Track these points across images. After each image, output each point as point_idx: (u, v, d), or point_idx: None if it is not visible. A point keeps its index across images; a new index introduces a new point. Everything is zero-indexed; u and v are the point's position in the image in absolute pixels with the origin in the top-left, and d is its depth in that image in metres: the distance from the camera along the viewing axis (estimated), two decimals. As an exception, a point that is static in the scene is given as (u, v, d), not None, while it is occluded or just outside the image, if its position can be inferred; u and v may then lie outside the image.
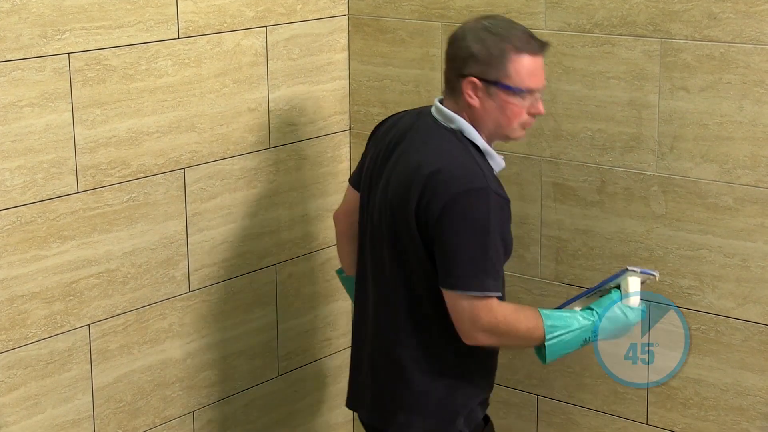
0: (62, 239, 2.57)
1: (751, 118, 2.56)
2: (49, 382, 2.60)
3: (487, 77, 2.32)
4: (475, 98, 2.34)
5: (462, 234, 2.27)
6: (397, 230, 2.36)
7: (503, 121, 2.36)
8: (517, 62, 2.32)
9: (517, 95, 2.33)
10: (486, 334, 2.31)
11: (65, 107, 2.54)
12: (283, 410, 3.17)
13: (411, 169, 2.34)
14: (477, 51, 2.32)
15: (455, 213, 2.27)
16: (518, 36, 2.33)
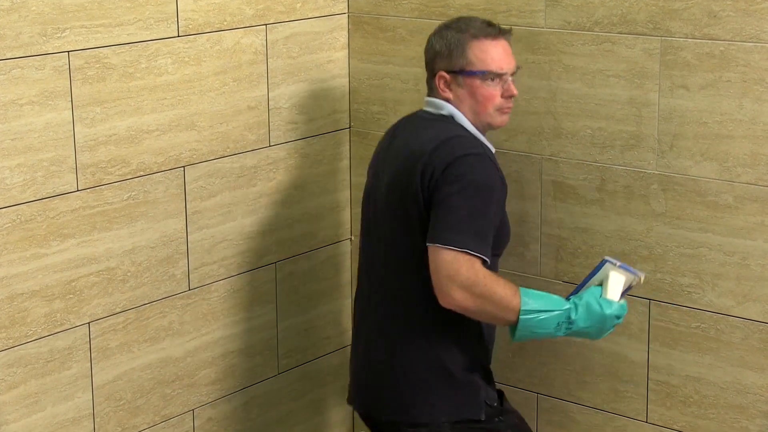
0: (62, 237, 2.57)
1: (751, 116, 2.56)
2: (49, 380, 2.60)
3: (452, 68, 2.51)
4: (447, 91, 2.53)
5: (458, 194, 2.36)
6: (401, 212, 2.44)
7: (478, 107, 2.51)
8: (476, 48, 2.49)
9: (483, 78, 2.48)
10: (463, 292, 2.32)
11: (65, 105, 2.54)
12: (283, 408, 3.17)
13: (411, 151, 2.46)
14: (440, 47, 2.53)
15: (453, 174, 2.37)
16: (475, 25, 2.51)
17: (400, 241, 2.48)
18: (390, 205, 2.49)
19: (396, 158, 2.51)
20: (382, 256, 2.52)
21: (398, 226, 2.47)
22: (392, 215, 2.48)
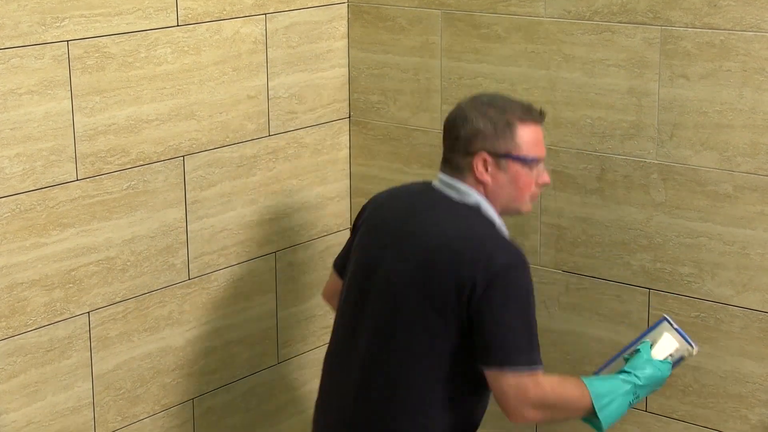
0: (62, 227, 2.57)
1: (751, 106, 2.56)
2: (48, 370, 2.60)
3: (497, 151, 2.31)
4: (486, 174, 2.32)
5: (508, 309, 2.22)
6: (419, 310, 2.27)
7: (516, 194, 2.35)
8: (523, 132, 2.32)
9: (527, 165, 2.33)
10: (535, 410, 2.24)
11: (64, 95, 2.53)
12: (283, 398, 3.18)
13: (436, 246, 2.27)
14: (483, 126, 2.31)
15: (500, 288, 2.22)
16: (519, 107, 2.35)
17: (409, 334, 2.29)
18: (403, 298, 2.29)
19: (416, 248, 2.31)
20: (378, 338, 2.34)
21: (411, 320, 2.28)
22: (405, 308, 2.29)
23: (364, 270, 2.40)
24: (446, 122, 2.38)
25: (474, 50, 2.95)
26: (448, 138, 2.37)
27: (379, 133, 3.17)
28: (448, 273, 2.25)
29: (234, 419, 3.05)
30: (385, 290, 2.33)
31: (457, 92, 2.99)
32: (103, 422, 2.73)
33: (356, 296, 2.40)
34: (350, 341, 2.39)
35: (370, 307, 2.35)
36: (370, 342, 2.34)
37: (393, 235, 2.37)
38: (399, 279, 2.31)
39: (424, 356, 2.29)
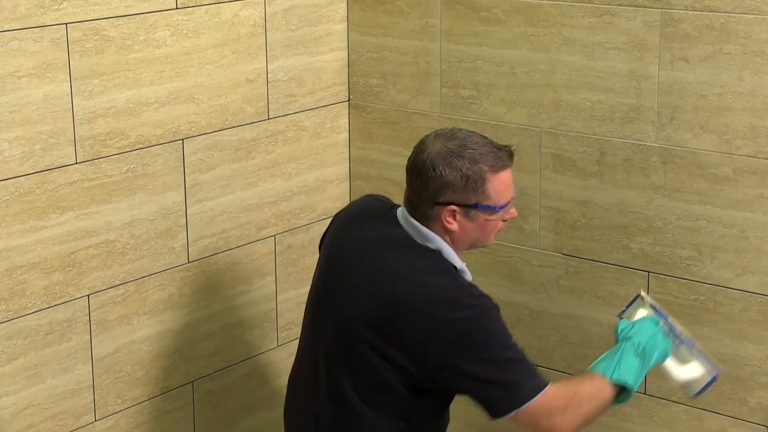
0: (61, 210, 2.57)
1: (751, 89, 2.55)
2: (48, 352, 2.60)
3: (466, 202, 2.24)
4: (454, 223, 2.25)
5: (490, 363, 2.20)
6: (371, 351, 2.24)
7: (483, 237, 2.31)
8: (494, 182, 2.24)
9: (497, 212, 2.27)
10: (564, 415, 2.23)
11: (63, 78, 2.53)
12: (283, 381, 3.18)
13: (395, 293, 2.22)
14: (452, 179, 2.22)
15: (471, 349, 2.18)
16: (489, 154, 2.25)
17: (358, 373, 2.27)
18: (354, 338, 2.25)
19: (371, 291, 2.25)
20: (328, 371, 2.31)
21: (361, 361, 2.25)
22: (355, 347, 2.25)
23: (318, 297, 2.38)
24: (412, 167, 2.29)
25: (474, 33, 2.95)
26: (414, 184, 2.27)
27: (379, 117, 3.17)
28: (404, 329, 2.21)
29: (234, 402, 3.05)
30: (336, 324, 2.30)
31: (457, 75, 2.98)
32: (103, 405, 2.73)
33: (311, 323, 2.40)
34: (307, 365, 2.39)
35: (323, 335, 2.33)
36: (323, 372, 2.32)
37: (353, 270, 2.31)
38: (354, 321, 2.26)
39: (374, 396, 2.27)
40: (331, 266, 2.38)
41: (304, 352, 2.42)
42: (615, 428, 2.89)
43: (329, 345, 2.32)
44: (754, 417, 2.68)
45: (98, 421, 2.73)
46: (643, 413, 2.84)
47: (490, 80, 2.93)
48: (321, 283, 2.39)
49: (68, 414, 2.66)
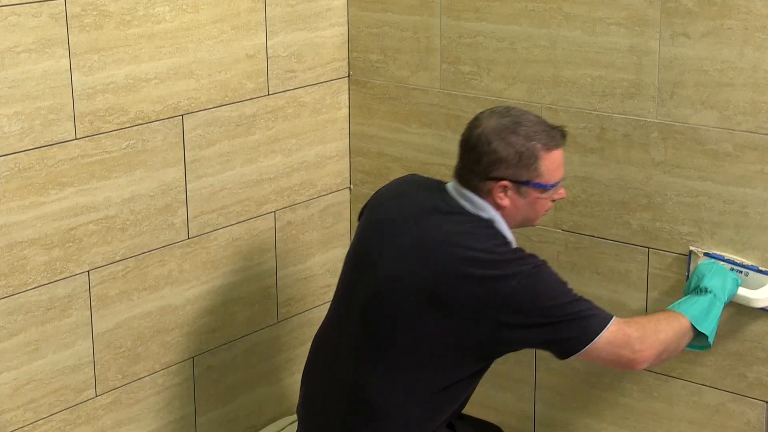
0: (61, 186, 2.57)
1: (752, 64, 2.55)
2: (49, 328, 2.61)
3: (518, 179, 2.29)
4: (505, 199, 2.31)
5: (551, 309, 2.22)
6: (420, 310, 2.25)
7: (532, 215, 2.36)
8: (547, 160, 2.31)
9: (548, 191, 2.33)
10: (642, 344, 2.26)
11: (62, 53, 2.52)
12: (283, 356, 3.19)
13: (451, 255, 2.24)
14: (507, 155, 2.27)
15: (528, 302, 2.21)
16: (543, 132, 2.31)
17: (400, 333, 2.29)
18: (416, 305, 2.26)
19: (423, 252, 2.27)
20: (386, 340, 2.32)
21: (406, 320, 2.27)
22: (419, 315, 2.26)
23: (358, 263, 2.39)
24: (465, 141, 2.33)
25: (474, 8, 2.94)
26: (467, 158, 2.32)
27: (379, 93, 3.16)
28: (460, 289, 2.23)
29: (234, 377, 3.06)
30: (383, 289, 2.31)
31: (457, 51, 2.97)
32: (103, 380, 2.74)
33: (348, 288, 2.40)
34: (338, 332, 2.40)
35: (359, 300, 2.34)
36: (358, 337, 2.33)
37: (398, 234, 2.33)
38: (400, 282, 2.28)
39: (417, 361, 2.28)
40: (375, 231, 2.39)
41: (335, 317, 2.43)
42: (614, 403, 2.90)
43: (366, 310, 2.32)
44: (754, 392, 2.69)
45: (99, 396, 2.74)
46: (642, 389, 2.85)
47: (490, 56, 2.93)
48: (362, 248, 2.40)
49: (69, 389, 2.67)
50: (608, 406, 2.91)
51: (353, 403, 2.32)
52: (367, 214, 2.47)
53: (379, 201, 2.47)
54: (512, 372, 3.04)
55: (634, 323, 2.30)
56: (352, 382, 2.33)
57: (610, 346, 2.25)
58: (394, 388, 2.29)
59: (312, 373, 2.47)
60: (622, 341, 2.26)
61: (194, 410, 2.97)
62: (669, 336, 2.33)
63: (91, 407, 2.72)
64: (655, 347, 2.29)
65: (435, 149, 3.08)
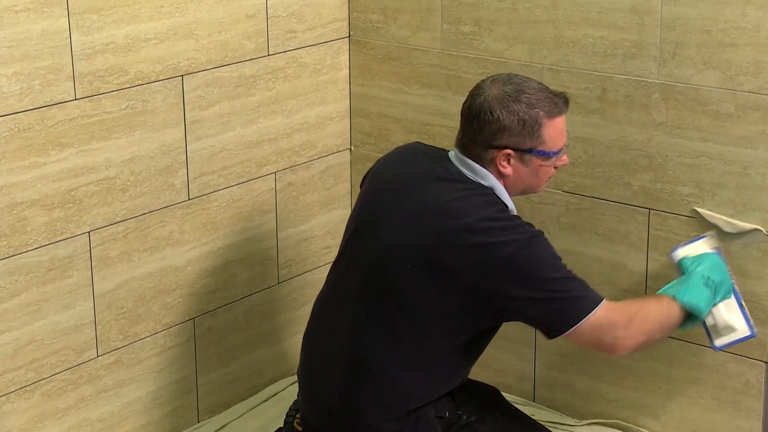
0: (61, 146, 2.57)
1: (754, 24, 2.53)
2: (50, 289, 2.61)
3: (522, 147, 2.29)
4: (508, 167, 2.31)
5: (543, 283, 2.22)
6: (419, 276, 2.25)
7: (534, 183, 2.36)
8: (550, 127, 2.30)
9: (551, 158, 2.32)
10: (627, 330, 2.26)
11: (61, 13, 2.51)
12: (283, 317, 3.20)
13: (450, 223, 2.24)
14: (509, 123, 2.27)
15: (523, 271, 2.21)
16: (545, 99, 2.29)
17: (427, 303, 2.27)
18: (415, 270, 2.25)
19: (423, 217, 2.27)
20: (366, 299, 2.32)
21: (406, 287, 2.27)
22: (417, 280, 2.26)
23: (359, 228, 2.39)
24: (468, 110, 2.32)
25: (475, -32, 2.92)
26: (469, 127, 2.32)
27: (379, 53, 3.15)
28: (456, 257, 2.23)
29: (235, 338, 3.07)
30: (384, 253, 2.31)
31: (458, 11, 2.96)
32: (105, 341, 2.75)
33: (349, 253, 2.40)
34: (339, 296, 2.40)
35: (360, 265, 2.34)
36: (359, 302, 2.33)
37: (400, 199, 2.33)
38: (400, 247, 2.28)
39: (416, 326, 2.28)
40: (376, 197, 2.39)
41: (336, 282, 2.43)
42: (613, 364, 2.91)
43: (367, 275, 2.32)
44: (753, 353, 2.70)
45: (100, 356, 2.75)
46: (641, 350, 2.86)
47: (491, 16, 2.91)
48: (364, 213, 2.40)
49: (70, 350, 2.68)
50: (608, 367, 2.92)
51: (353, 368, 2.33)
52: (368, 181, 2.47)
53: (381, 168, 2.47)
54: (512, 333, 3.04)
55: (621, 311, 2.28)
56: (352, 347, 2.34)
57: (595, 330, 2.25)
58: (392, 353, 2.30)
59: (313, 337, 2.48)
60: (606, 327, 2.25)
61: (195, 371, 2.98)
62: (654, 327, 2.33)
63: (92, 367, 2.73)
64: (638, 337, 2.30)
65: (436, 110, 3.07)
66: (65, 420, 2.70)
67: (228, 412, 3.07)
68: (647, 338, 2.32)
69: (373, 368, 2.31)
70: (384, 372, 2.31)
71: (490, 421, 2.44)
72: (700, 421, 2.81)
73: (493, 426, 2.43)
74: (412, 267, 2.26)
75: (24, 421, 2.62)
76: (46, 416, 2.66)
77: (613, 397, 2.93)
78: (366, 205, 2.42)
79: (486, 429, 2.42)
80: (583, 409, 2.99)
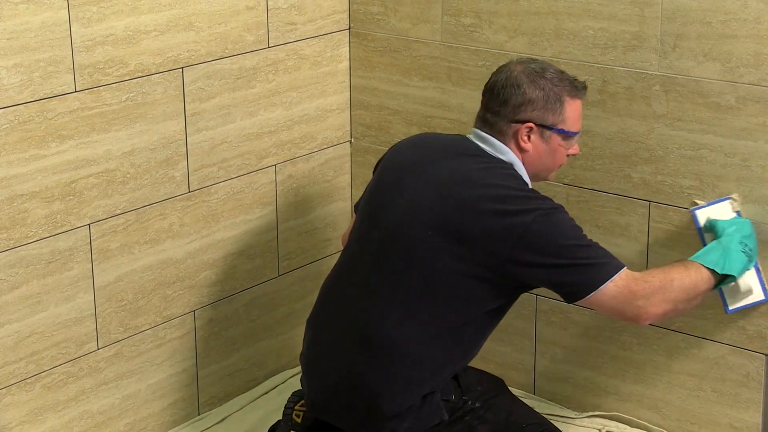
0: (61, 139, 2.56)
1: (755, 16, 2.53)
2: (50, 281, 2.61)
3: (544, 122, 2.35)
4: (529, 143, 2.36)
5: (564, 249, 2.25)
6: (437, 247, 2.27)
7: (550, 164, 2.40)
8: (571, 106, 2.36)
9: (569, 139, 2.37)
10: (649, 299, 2.28)
11: (61, 4, 2.50)
12: (283, 310, 3.20)
13: (472, 192, 2.27)
14: (535, 96, 2.33)
15: (544, 240, 2.24)
16: (567, 80, 2.36)
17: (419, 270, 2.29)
18: (434, 238, 2.27)
19: (445, 189, 2.30)
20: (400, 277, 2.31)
21: (425, 258, 2.28)
22: (419, 246, 2.28)
23: (377, 201, 2.41)
24: (493, 84, 2.38)
25: (475, -40, 2.91)
26: (494, 101, 2.37)
27: (380, 45, 3.14)
28: (477, 224, 2.25)
29: (235, 330, 3.07)
30: (401, 224, 2.32)
31: (458, 3, 2.95)
32: (105, 333, 2.75)
33: (361, 238, 2.41)
34: (350, 274, 2.40)
35: (371, 249, 2.35)
36: (372, 275, 2.34)
37: (419, 173, 2.36)
38: (419, 216, 2.30)
39: (431, 297, 2.29)
40: (394, 173, 2.41)
41: (346, 262, 2.44)
42: (614, 357, 2.91)
43: (381, 247, 2.33)
44: (753, 345, 2.70)
45: (101, 349, 2.75)
46: (641, 342, 2.86)
47: (491, 8, 2.91)
48: (380, 189, 2.42)
49: (71, 342, 2.68)
50: (608, 359, 2.93)
51: (363, 345, 2.33)
52: (384, 162, 2.50)
53: (395, 154, 2.49)
54: (513, 325, 3.05)
55: (642, 280, 2.29)
56: (362, 323, 2.34)
57: (614, 299, 2.27)
58: (404, 326, 2.30)
59: (319, 317, 2.47)
60: (625, 297, 2.27)
61: (195, 363, 2.98)
62: (680, 296, 2.33)
63: (93, 360, 2.74)
64: (662, 306, 2.30)
65: (436, 102, 3.07)
66: (66, 412, 2.70)
67: (228, 404, 3.07)
68: (673, 307, 2.33)
69: (384, 342, 2.31)
70: (395, 346, 2.31)
71: (494, 409, 2.45)
72: (701, 413, 2.81)
73: (497, 414, 2.44)
74: (432, 234, 2.28)
75: (24, 414, 2.62)
76: (46, 409, 2.66)
77: (614, 390, 2.94)
78: (382, 182, 2.43)
79: (489, 416, 2.43)
80: (584, 401, 2.99)
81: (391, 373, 2.31)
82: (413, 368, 2.32)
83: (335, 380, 2.37)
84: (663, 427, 2.87)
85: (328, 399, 2.39)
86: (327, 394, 2.39)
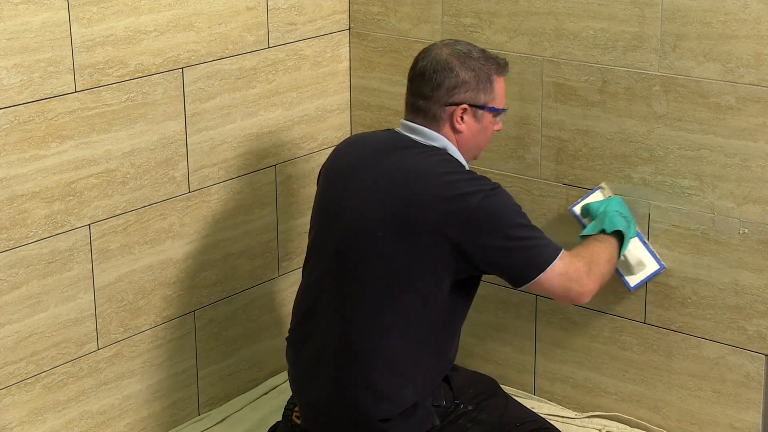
0: (61, 139, 2.56)
1: (755, 16, 2.53)
2: (50, 281, 2.61)
3: (477, 102, 2.38)
4: (463, 124, 2.38)
5: (507, 232, 2.28)
6: (407, 244, 2.28)
7: (482, 142, 2.44)
8: (498, 84, 2.42)
9: (498, 115, 2.42)
10: (589, 276, 2.36)
11: (61, 5, 2.50)
12: (284, 310, 3.20)
13: (412, 185, 2.29)
14: (467, 78, 2.36)
15: (488, 221, 2.27)
16: (491, 59, 2.41)
17: (378, 275, 2.30)
18: (372, 237, 2.30)
19: (386, 187, 2.31)
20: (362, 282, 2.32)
21: (382, 260, 2.29)
22: (375, 247, 2.30)
23: (325, 212, 2.42)
24: (422, 69, 2.38)
25: (475, -40, 2.91)
26: (426, 86, 2.38)
27: (380, 45, 3.15)
28: (425, 213, 2.27)
29: (235, 331, 3.07)
30: (352, 230, 2.34)
31: (458, 3, 2.95)
32: (105, 333, 2.75)
33: (319, 246, 2.42)
34: (318, 292, 2.40)
35: (331, 249, 2.36)
36: (336, 288, 2.35)
37: (359, 176, 2.38)
38: (367, 219, 2.32)
39: (394, 296, 2.30)
40: (337, 180, 2.43)
41: (310, 278, 2.44)
42: (614, 357, 2.91)
43: (339, 254, 2.34)
44: (753, 345, 2.70)
45: (101, 349, 2.75)
46: (641, 342, 2.86)
47: (491, 8, 2.91)
48: (326, 199, 2.44)
49: (71, 342, 2.68)
50: (608, 359, 2.93)
51: (341, 357, 2.34)
52: (325, 172, 2.50)
53: (332, 162, 2.50)
54: (513, 325, 3.05)
55: (580, 257, 2.38)
56: (336, 336, 2.35)
57: (562, 278, 2.32)
58: (376, 332, 2.32)
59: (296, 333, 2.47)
60: (573, 275, 2.34)
61: (195, 364, 2.98)
62: (607, 268, 2.46)
63: (93, 360, 2.74)
64: (598, 280, 2.41)
65: (436, 103, 3.06)
66: (66, 413, 2.71)
67: (228, 404, 3.07)
68: (603, 281, 2.44)
69: (360, 351, 2.32)
70: (371, 353, 2.32)
71: (488, 410, 2.45)
72: (701, 413, 2.81)
73: (490, 415, 2.44)
74: (382, 234, 2.30)
75: (24, 414, 2.62)
76: (46, 409, 2.66)
77: (613, 390, 2.94)
78: (327, 190, 2.46)
79: (483, 418, 2.43)
80: (583, 401, 2.99)
81: (373, 381, 2.31)
82: (394, 373, 2.32)
83: (321, 396, 2.38)
84: (663, 427, 2.87)
85: (318, 415, 2.40)
86: (316, 410, 2.40)
